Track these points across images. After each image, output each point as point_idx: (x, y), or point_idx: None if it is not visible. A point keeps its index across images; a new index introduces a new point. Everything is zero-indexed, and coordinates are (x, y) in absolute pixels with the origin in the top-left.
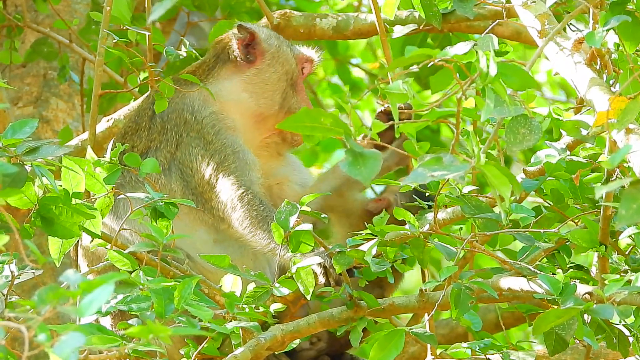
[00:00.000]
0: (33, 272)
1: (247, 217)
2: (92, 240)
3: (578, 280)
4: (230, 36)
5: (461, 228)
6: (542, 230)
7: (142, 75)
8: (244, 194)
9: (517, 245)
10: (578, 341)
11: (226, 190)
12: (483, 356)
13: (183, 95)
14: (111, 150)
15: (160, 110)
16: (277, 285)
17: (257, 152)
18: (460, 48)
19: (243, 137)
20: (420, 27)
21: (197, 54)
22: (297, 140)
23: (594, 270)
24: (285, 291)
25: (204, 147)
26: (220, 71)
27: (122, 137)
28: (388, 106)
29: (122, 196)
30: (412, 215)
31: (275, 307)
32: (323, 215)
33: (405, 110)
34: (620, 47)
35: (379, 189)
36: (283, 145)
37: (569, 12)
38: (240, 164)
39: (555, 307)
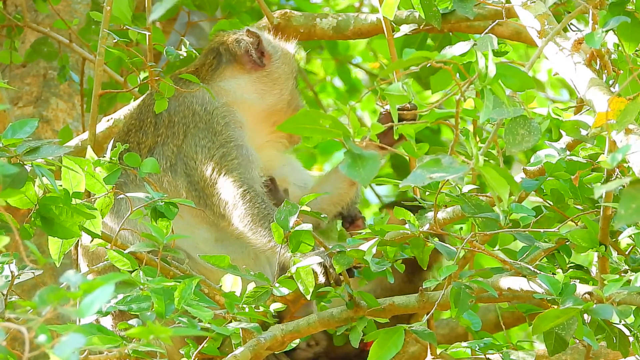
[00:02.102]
0: (33, 272)
1: (248, 214)
2: (92, 240)
3: (578, 280)
4: (238, 38)
5: (461, 228)
6: (542, 230)
7: (142, 75)
8: (246, 191)
9: (517, 245)
10: (578, 341)
11: (228, 187)
12: (483, 356)
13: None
14: (111, 149)
15: (160, 110)
16: (277, 285)
17: (259, 152)
18: (460, 48)
19: (248, 135)
20: (420, 27)
21: (197, 54)
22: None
23: (593, 270)
24: (285, 291)
25: (211, 138)
26: (225, 71)
27: (126, 134)
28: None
29: (122, 196)
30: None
31: (275, 307)
32: (323, 215)
33: (410, 111)
34: (620, 48)
35: None
36: (287, 143)
37: (569, 12)
38: (243, 160)
39: (555, 307)
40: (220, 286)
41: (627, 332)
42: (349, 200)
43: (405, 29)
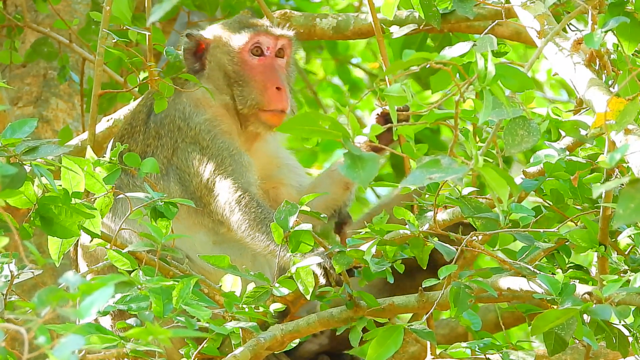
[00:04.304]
0: (32, 272)
1: (245, 220)
2: (91, 240)
3: (577, 280)
4: (180, 45)
5: (461, 228)
6: (541, 230)
7: (142, 75)
8: (242, 196)
9: (517, 245)
10: (578, 341)
11: (224, 193)
12: (483, 356)
13: (174, 101)
14: (111, 150)
15: (160, 110)
16: (276, 285)
17: (254, 154)
18: (459, 48)
19: (238, 139)
20: (420, 27)
21: None
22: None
23: (593, 270)
24: (285, 291)
25: (200, 152)
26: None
27: (120, 139)
28: (384, 109)
29: (121, 196)
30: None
31: (275, 307)
32: (322, 215)
33: (403, 112)
34: (619, 48)
35: None
36: (262, 128)
37: (568, 13)
38: (237, 166)
39: (555, 307)
40: (220, 286)
41: (626, 333)
42: (341, 204)
43: (396, 29)
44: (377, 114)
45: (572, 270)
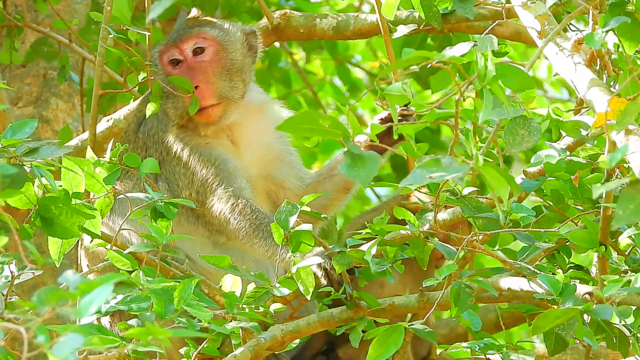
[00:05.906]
0: (33, 273)
1: (241, 228)
2: (91, 241)
3: (578, 281)
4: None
5: (461, 228)
6: (542, 230)
7: (142, 75)
8: (234, 205)
9: (517, 245)
10: (578, 341)
11: (216, 204)
12: (483, 356)
13: (160, 112)
14: (111, 150)
15: (153, 113)
16: (277, 285)
17: (254, 152)
18: (460, 48)
19: (218, 146)
20: (421, 27)
21: None
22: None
23: (593, 270)
24: (285, 291)
25: (184, 166)
26: None
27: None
28: (388, 114)
29: (121, 196)
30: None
31: (275, 307)
32: (323, 216)
33: (405, 113)
34: (620, 48)
35: None
36: (205, 128)
37: (569, 13)
38: (224, 174)
39: (555, 307)
40: (220, 286)
41: (627, 333)
42: (337, 207)
43: (403, 29)
44: (381, 119)
45: (572, 270)
